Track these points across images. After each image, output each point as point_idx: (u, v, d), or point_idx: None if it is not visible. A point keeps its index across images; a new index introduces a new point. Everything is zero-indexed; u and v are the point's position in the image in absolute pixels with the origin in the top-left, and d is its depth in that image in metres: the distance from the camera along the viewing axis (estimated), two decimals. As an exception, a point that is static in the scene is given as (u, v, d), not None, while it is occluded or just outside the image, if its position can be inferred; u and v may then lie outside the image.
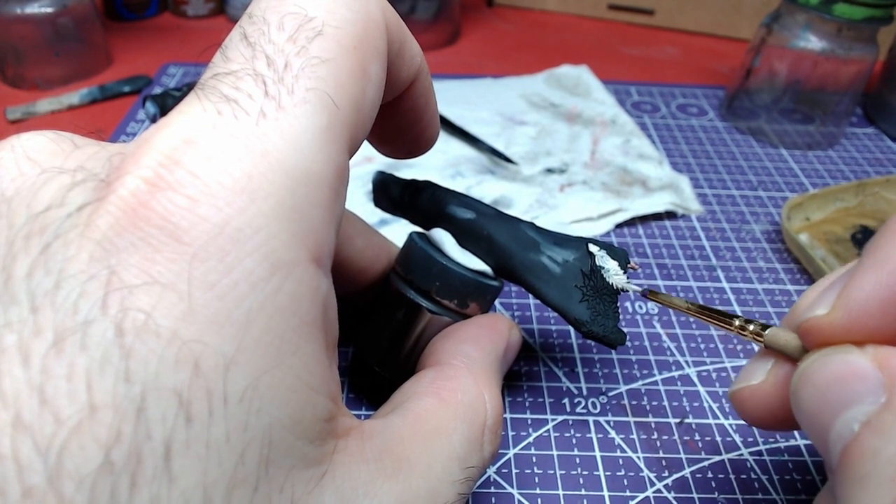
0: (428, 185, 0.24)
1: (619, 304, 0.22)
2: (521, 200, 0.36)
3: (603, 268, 0.21)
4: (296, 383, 0.12)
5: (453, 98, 0.46)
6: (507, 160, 0.39)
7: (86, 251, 0.11)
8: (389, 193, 0.25)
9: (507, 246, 0.22)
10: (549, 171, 0.39)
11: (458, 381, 0.19)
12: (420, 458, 0.16)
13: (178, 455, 0.11)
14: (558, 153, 0.41)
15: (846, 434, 0.13)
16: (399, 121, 0.19)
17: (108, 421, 0.10)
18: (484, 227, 0.22)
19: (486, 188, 0.37)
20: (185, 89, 0.39)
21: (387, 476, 0.15)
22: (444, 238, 0.22)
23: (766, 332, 0.17)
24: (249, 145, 0.12)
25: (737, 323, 0.18)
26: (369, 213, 0.34)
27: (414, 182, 0.24)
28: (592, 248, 0.21)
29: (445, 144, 0.41)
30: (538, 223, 0.34)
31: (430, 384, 0.18)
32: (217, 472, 0.11)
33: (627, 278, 0.21)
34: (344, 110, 0.14)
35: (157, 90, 0.46)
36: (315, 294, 0.13)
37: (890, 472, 0.12)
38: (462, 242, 0.22)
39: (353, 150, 0.15)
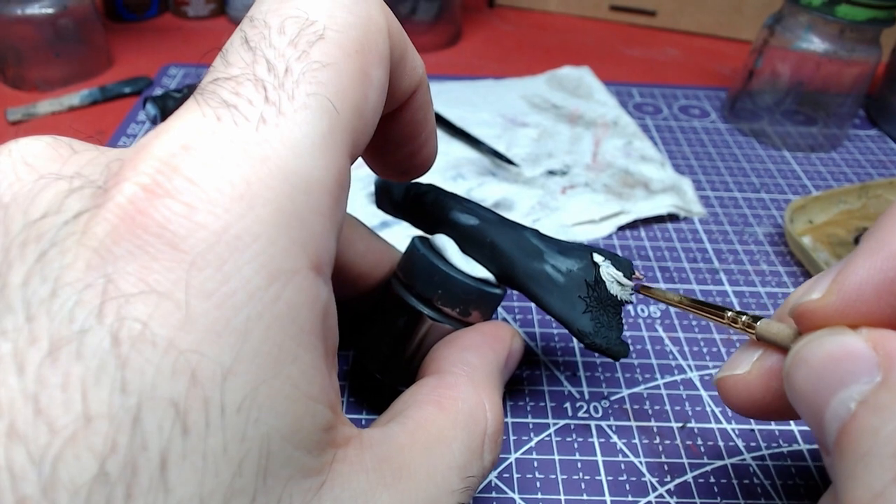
0: (431, 189, 0.23)
1: (623, 316, 0.21)
2: (522, 202, 0.36)
3: (607, 279, 0.21)
4: (294, 393, 0.12)
5: (454, 99, 0.46)
6: (509, 162, 0.39)
7: (82, 259, 0.11)
8: (392, 196, 0.25)
9: (510, 254, 0.21)
10: (551, 172, 0.39)
11: (459, 390, 0.18)
12: (420, 467, 0.16)
13: (174, 466, 0.10)
14: (560, 155, 0.40)
15: (843, 413, 0.14)
16: (396, 135, 0.19)
17: (103, 431, 0.10)
18: (487, 233, 0.22)
19: (487, 190, 0.37)
20: (185, 90, 0.39)
21: (386, 485, 0.15)
22: (446, 244, 0.22)
23: (758, 322, 0.18)
24: (249, 151, 0.12)
25: (728, 315, 0.19)
26: (370, 215, 0.34)
27: (417, 185, 0.24)
28: (597, 257, 0.21)
29: (447, 146, 0.41)
30: (540, 225, 0.34)
31: (431, 392, 0.18)
32: (213, 483, 0.11)
33: (632, 289, 0.21)
34: (345, 115, 0.14)
35: (158, 91, 0.45)
36: (314, 302, 0.13)
37: (890, 449, 0.12)
38: (465, 249, 0.22)
39: (354, 156, 0.15)
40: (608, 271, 0.21)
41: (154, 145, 0.12)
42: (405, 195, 0.24)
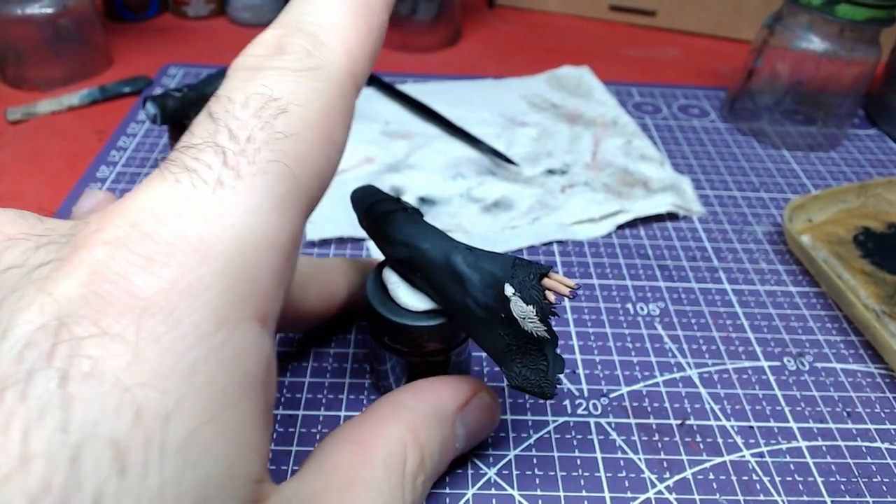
0: (381, 216, 0.22)
1: (548, 351, 0.19)
2: (522, 201, 0.36)
3: (518, 316, 0.18)
4: (234, 438, 0.13)
5: (454, 99, 0.46)
6: (509, 161, 0.39)
7: (37, 304, 0.12)
8: (359, 218, 0.23)
9: (441, 286, 0.20)
10: (551, 172, 0.39)
11: (379, 427, 0.19)
12: None
13: None
14: (559, 154, 0.41)
15: None
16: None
17: (39, 472, 0.10)
18: (417, 266, 0.21)
19: (487, 189, 0.37)
20: (185, 90, 0.39)
21: None
22: (390, 279, 0.22)
23: None
24: (204, 210, 0.13)
25: None
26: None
27: (374, 207, 0.22)
28: (507, 290, 0.18)
29: (447, 145, 0.41)
30: (539, 224, 0.34)
31: (352, 431, 0.19)
32: None
33: (550, 320, 0.18)
34: (303, 179, 0.15)
35: (158, 91, 0.45)
36: (258, 353, 0.13)
37: None
38: (412, 277, 0.21)
39: (310, 212, 0.16)
40: (517, 309, 0.18)
41: (118, 207, 0.13)
42: (365, 215, 0.23)
